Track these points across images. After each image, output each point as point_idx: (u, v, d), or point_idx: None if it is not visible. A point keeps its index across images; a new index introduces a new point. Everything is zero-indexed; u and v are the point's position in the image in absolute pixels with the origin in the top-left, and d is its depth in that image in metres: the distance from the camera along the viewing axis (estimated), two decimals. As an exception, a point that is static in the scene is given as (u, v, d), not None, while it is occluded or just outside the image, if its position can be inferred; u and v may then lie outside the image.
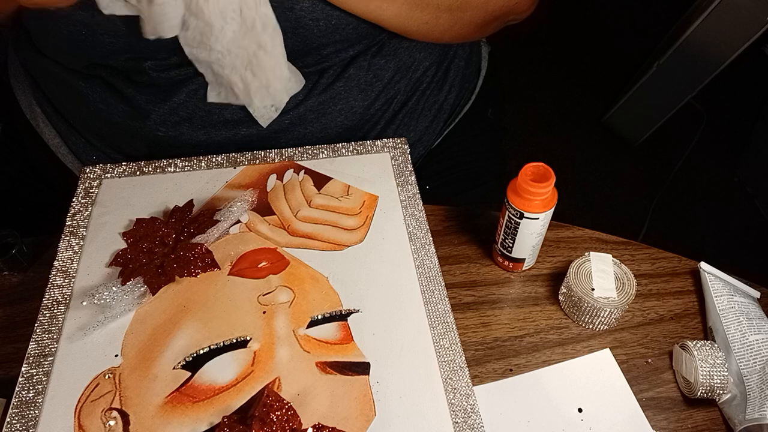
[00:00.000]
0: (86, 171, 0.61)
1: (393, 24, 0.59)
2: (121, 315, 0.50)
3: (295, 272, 0.53)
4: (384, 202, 0.59)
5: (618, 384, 0.50)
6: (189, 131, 0.65)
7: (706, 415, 0.49)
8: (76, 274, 0.53)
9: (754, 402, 0.46)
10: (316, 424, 0.44)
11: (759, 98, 1.64)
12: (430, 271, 0.54)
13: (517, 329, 0.54)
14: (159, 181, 0.61)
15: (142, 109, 0.64)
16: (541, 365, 0.51)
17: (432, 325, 0.50)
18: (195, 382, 0.46)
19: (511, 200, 0.51)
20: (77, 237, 0.56)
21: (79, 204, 0.59)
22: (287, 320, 0.50)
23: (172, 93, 0.63)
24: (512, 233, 0.53)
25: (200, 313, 0.50)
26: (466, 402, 0.46)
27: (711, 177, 1.64)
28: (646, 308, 0.56)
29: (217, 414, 0.44)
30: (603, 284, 0.53)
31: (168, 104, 0.64)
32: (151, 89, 0.63)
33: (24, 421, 0.44)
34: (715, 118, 1.72)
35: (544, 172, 0.50)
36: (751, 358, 0.49)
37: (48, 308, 0.51)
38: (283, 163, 0.63)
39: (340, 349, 0.48)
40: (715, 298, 0.53)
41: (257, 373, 0.47)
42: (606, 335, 0.53)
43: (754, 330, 0.50)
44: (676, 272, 0.58)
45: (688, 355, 0.49)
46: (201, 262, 0.53)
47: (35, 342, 0.49)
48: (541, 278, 0.58)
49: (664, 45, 1.55)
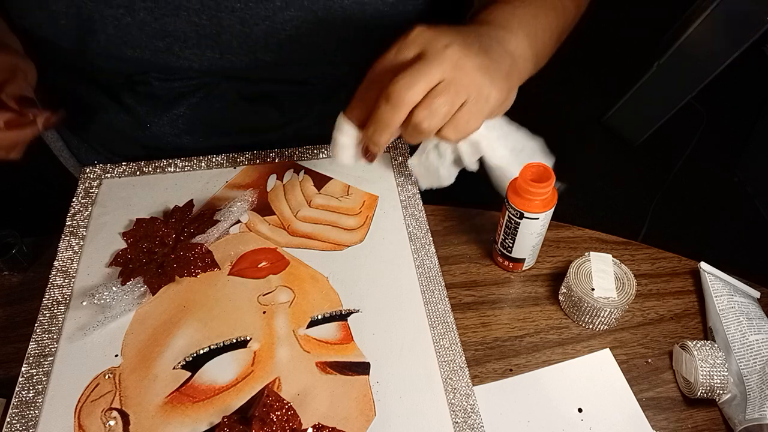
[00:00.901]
0: (86, 171, 0.61)
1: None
2: (121, 315, 0.50)
3: (295, 272, 0.53)
4: (384, 202, 0.59)
5: (618, 384, 0.50)
6: (191, 142, 0.65)
7: (706, 415, 0.49)
8: (76, 274, 0.53)
9: (754, 402, 0.46)
10: (316, 424, 0.44)
11: (759, 98, 1.64)
12: (430, 271, 0.54)
13: (517, 329, 0.54)
14: (159, 181, 0.61)
15: (142, 120, 0.65)
16: (541, 365, 0.51)
17: (432, 325, 0.50)
18: (195, 382, 0.46)
19: (511, 200, 0.51)
20: (77, 237, 0.56)
21: (79, 204, 0.59)
22: (287, 320, 0.50)
23: (172, 105, 0.64)
24: (512, 233, 0.53)
25: (200, 313, 0.50)
26: (466, 402, 0.46)
27: (711, 177, 1.64)
28: (646, 308, 0.56)
29: (217, 414, 0.44)
30: (603, 284, 0.53)
31: (167, 116, 0.64)
32: (151, 100, 0.64)
33: (24, 421, 0.44)
34: (715, 118, 1.72)
35: (544, 172, 0.50)
36: (751, 358, 0.49)
37: (48, 308, 0.51)
38: (283, 163, 0.63)
39: (340, 349, 0.48)
40: (715, 298, 0.53)
41: (257, 373, 0.47)
42: (606, 335, 0.53)
43: (754, 330, 0.50)
44: (676, 272, 0.58)
45: (688, 355, 0.49)
46: (201, 262, 0.53)
47: (35, 342, 0.49)
48: (541, 278, 0.58)
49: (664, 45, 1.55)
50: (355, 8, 0.57)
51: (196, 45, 0.59)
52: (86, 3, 0.55)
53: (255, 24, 0.56)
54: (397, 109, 0.43)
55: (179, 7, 0.56)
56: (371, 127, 0.45)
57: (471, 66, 0.43)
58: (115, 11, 0.56)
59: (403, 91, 0.42)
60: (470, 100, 0.44)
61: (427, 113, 0.43)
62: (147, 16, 0.56)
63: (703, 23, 1.38)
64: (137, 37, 0.58)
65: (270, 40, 0.58)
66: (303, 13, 0.56)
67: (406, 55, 0.44)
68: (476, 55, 0.44)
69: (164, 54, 0.59)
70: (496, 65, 0.45)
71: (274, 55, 0.59)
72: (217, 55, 0.59)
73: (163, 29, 0.57)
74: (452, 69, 0.43)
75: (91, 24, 0.56)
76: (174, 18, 0.56)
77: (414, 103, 0.43)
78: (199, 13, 0.56)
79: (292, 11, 0.56)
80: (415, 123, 0.43)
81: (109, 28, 0.57)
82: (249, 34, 0.57)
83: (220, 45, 0.59)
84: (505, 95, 0.46)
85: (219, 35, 0.58)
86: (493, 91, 0.44)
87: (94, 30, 0.57)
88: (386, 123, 0.44)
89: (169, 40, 0.58)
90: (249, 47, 0.59)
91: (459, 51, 0.43)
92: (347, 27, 0.58)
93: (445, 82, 0.43)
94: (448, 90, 0.43)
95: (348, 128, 0.49)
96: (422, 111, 0.43)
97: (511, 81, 0.47)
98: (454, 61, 0.43)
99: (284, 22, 0.56)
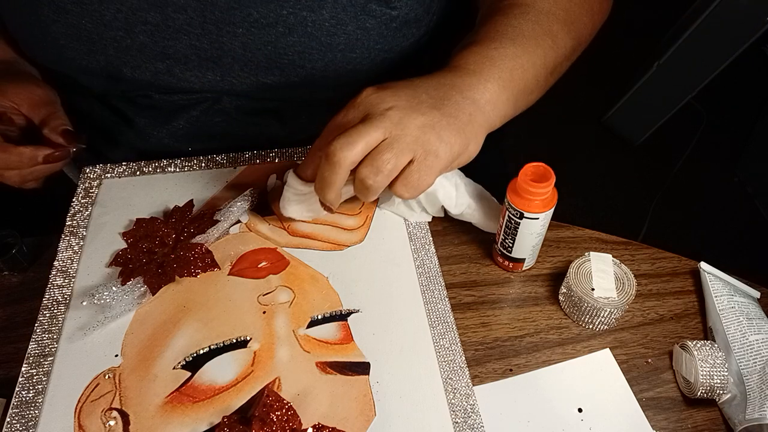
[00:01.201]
0: (86, 171, 0.61)
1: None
2: (121, 315, 0.50)
3: (295, 272, 0.53)
4: (384, 202, 0.59)
5: (618, 384, 0.50)
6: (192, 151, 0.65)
7: (706, 415, 0.49)
8: (76, 274, 0.53)
9: (754, 402, 0.46)
10: (316, 424, 0.44)
11: (759, 98, 1.64)
12: (430, 271, 0.54)
13: (517, 329, 0.54)
14: (159, 181, 0.61)
15: (142, 132, 0.65)
16: (541, 365, 0.51)
17: (432, 325, 0.50)
18: (195, 382, 0.46)
19: (511, 200, 0.51)
20: (77, 237, 0.56)
21: (79, 204, 0.59)
22: (287, 320, 0.50)
23: (172, 117, 0.64)
24: (512, 233, 0.53)
25: (200, 313, 0.50)
26: (466, 402, 0.46)
27: (711, 177, 1.64)
28: (646, 308, 0.56)
29: (217, 414, 0.44)
30: (603, 284, 0.53)
31: (167, 128, 0.64)
32: (151, 111, 0.64)
33: (24, 421, 0.44)
34: (715, 118, 1.72)
35: (544, 172, 0.50)
36: (751, 358, 0.49)
37: (48, 308, 0.51)
38: (283, 163, 0.63)
39: (340, 349, 0.48)
40: (715, 298, 0.53)
41: (257, 373, 0.47)
42: (606, 335, 0.53)
43: (754, 330, 0.50)
44: (676, 272, 0.58)
45: (688, 355, 0.49)
46: (201, 262, 0.53)
47: (35, 342, 0.49)
48: (541, 278, 0.58)
49: (664, 45, 1.55)
50: (359, 34, 0.57)
51: (197, 67, 0.59)
52: (85, 25, 0.55)
53: (257, 49, 0.57)
54: (335, 168, 0.44)
55: (180, 31, 0.56)
56: (317, 185, 0.47)
57: (414, 125, 0.44)
58: (115, 33, 0.56)
59: (339, 150, 0.43)
60: (418, 158, 0.45)
61: (371, 170, 0.44)
62: (147, 39, 0.56)
63: (703, 23, 1.38)
64: (137, 58, 0.58)
65: (272, 64, 0.58)
66: (306, 39, 0.56)
67: (353, 117, 0.46)
68: (421, 113, 0.45)
69: (164, 75, 0.59)
70: (446, 120, 0.45)
71: (276, 79, 0.59)
72: (218, 77, 0.60)
73: (163, 52, 0.57)
74: (394, 128, 0.44)
75: (90, 45, 0.57)
76: (174, 41, 0.57)
77: (353, 162, 0.44)
78: (200, 37, 0.56)
79: (294, 37, 0.56)
80: (360, 179, 0.45)
81: (109, 49, 0.57)
82: (251, 59, 0.57)
83: (222, 68, 0.59)
84: (459, 148, 0.46)
85: (220, 58, 0.58)
86: (441, 147, 0.45)
87: (93, 51, 0.57)
88: (328, 181, 0.45)
89: (170, 62, 0.58)
90: (251, 71, 0.59)
91: (401, 111, 0.44)
92: (351, 52, 0.58)
93: (387, 141, 0.44)
94: (390, 148, 0.44)
95: (296, 185, 0.51)
96: (365, 168, 0.44)
97: (470, 131, 0.47)
98: (395, 121, 0.44)
99: (287, 48, 0.56)
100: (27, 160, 0.55)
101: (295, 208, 0.54)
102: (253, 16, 0.54)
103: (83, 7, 0.54)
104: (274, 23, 0.55)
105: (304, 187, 0.51)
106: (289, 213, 0.54)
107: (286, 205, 0.54)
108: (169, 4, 0.54)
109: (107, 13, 0.55)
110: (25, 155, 0.55)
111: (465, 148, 0.47)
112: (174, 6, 0.54)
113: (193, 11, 0.55)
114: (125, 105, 0.64)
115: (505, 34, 0.51)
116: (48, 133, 0.56)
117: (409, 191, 0.46)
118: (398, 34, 0.59)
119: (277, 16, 0.54)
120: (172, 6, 0.54)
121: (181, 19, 0.55)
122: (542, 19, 0.53)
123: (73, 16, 0.55)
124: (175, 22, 0.55)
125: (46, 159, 0.55)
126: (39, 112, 0.57)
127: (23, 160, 0.55)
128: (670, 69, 1.50)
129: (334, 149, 0.44)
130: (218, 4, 0.54)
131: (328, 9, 0.55)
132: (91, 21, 0.55)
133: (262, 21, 0.55)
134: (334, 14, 0.55)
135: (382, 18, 0.57)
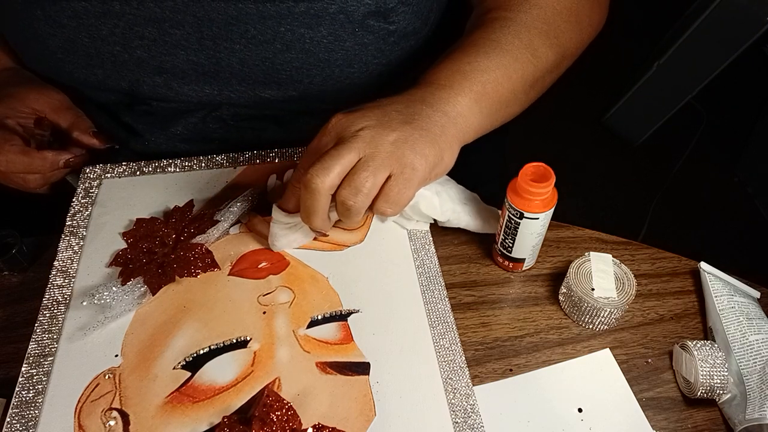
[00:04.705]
0: (86, 171, 0.61)
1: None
2: (121, 315, 0.50)
3: (295, 272, 0.53)
4: (384, 202, 0.59)
5: (618, 384, 0.50)
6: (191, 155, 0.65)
7: (706, 415, 0.49)
8: (76, 274, 0.53)
9: (754, 402, 0.46)
10: (316, 424, 0.44)
11: (759, 98, 1.64)
12: (430, 271, 0.54)
13: (517, 329, 0.54)
14: (159, 181, 0.61)
15: (139, 137, 0.65)
16: (541, 365, 0.51)
17: (432, 325, 0.50)
18: (195, 382, 0.46)
19: (511, 200, 0.51)
20: (77, 237, 0.56)
21: (79, 204, 0.59)
22: (287, 320, 0.50)
23: (169, 123, 0.64)
24: (512, 233, 0.53)
25: (200, 314, 0.50)
26: (466, 402, 0.46)
27: (711, 177, 1.64)
28: (646, 308, 0.56)
29: (217, 414, 0.44)
30: (603, 284, 0.53)
31: (164, 134, 0.64)
32: (148, 117, 0.64)
33: (24, 421, 0.44)
34: (715, 118, 1.72)
35: (544, 172, 0.50)
36: (751, 358, 0.49)
37: (48, 308, 0.51)
38: (283, 163, 0.63)
39: (340, 349, 0.48)
40: (715, 298, 0.53)
41: (257, 373, 0.47)
42: (606, 335, 0.53)
43: (754, 330, 0.50)
44: (676, 272, 0.58)
45: (688, 355, 0.49)
46: (201, 262, 0.53)
47: (35, 342, 0.49)
48: (541, 278, 0.58)
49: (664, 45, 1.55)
50: (357, 50, 0.57)
51: (194, 81, 0.59)
52: (82, 39, 0.55)
53: (255, 65, 0.57)
54: (315, 195, 0.45)
55: (177, 47, 0.56)
56: (303, 215, 0.47)
57: (387, 141, 0.45)
58: (112, 48, 0.56)
59: (316, 176, 0.44)
60: (395, 173, 0.45)
61: (350, 191, 0.44)
62: (144, 53, 0.56)
63: (703, 23, 1.38)
64: (134, 72, 0.58)
65: (270, 79, 0.58)
66: (304, 56, 0.56)
67: (325, 144, 0.46)
68: (393, 129, 0.45)
69: (162, 89, 0.59)
70: (418, 133, 0.46)
71: (273, 93, 0.60)
72: (216, 91, 0.60)
73: (160, 66, 0.57)
74: (367, 147, 0.44)
75: (87, 59, 0.57)
76: (172, 56, 0.57)
77: (331, 186, 0.45)
78: (197, 52, 0.56)
79: (292, 54, 0.56)
80: (340, 201, 0.45)
81: (107, 63, 0.57)
82: (248, 74, 0.58)
83: (219, 82, 0.59)
84: (434, 159, 0.46)
85: (218, 73, 0.58)
86: (416, 159, 0.45)
87: (91, 65, 0.57)
88: (310, 209, 0.46)
89: (167, 76, 0.58)
90: (248, 85, 0.59)
91: (373, 130, 0.45)
92: (349, 67, 0.58)
93: (362, 160, 0.44)
94: (366, 167, 0.44)
95: (281, 218, 0.52)
96: (344, 190, 0.45)
97: (443, 142, 0.47)
98: (367, 140, 0.44)
99: (284, 64, 0.56)
100: (50, 165, 0.58)
101: (284, 241, 0.54)
102: (251, 32, 0.54)
103: (80, 22, 0.54)
104: (272, 40, 0.55)
105: (290, 219, 0.52)
106: (279, 247, 0.54)
107: (275, 241, 0.54)
108: (166, 19, 0.54)
109: (104, 28, 0.55)
110: (48, 159, 0.57)
111: (440, 158, 0.47)
112: (171, 21, 0.54)
113: (190, 27, 0.55)
114: (123, 111, 0.64)
115: (481, 47, 0.52)
116: (79, 135, 0.58)
117: (391, 207, 0.46)
118: (396, 47, 0.59)
119: (274, 33, 0.54)
120: (169, 21, 0.54)
121: (178, 35, 0.55)
122: (522, 32, 0.53)
123: (70, 31, 0.55)
124: (172, 37, 0.55)
125: (67, 163, 0.58)
126: (63, 116, 0.59)
127: (46, 165, 0.57)
128: (670, 69, 1.50)
129: (311, 176, 0.44)
130: (216, 20, 0.54)
131: (326, 26, 0.55)
132: (88, 36, 0.55)
133: (259, 37, 0.55)
134: (332, 31, 0.55)
135: (380, 33, 0.57)
